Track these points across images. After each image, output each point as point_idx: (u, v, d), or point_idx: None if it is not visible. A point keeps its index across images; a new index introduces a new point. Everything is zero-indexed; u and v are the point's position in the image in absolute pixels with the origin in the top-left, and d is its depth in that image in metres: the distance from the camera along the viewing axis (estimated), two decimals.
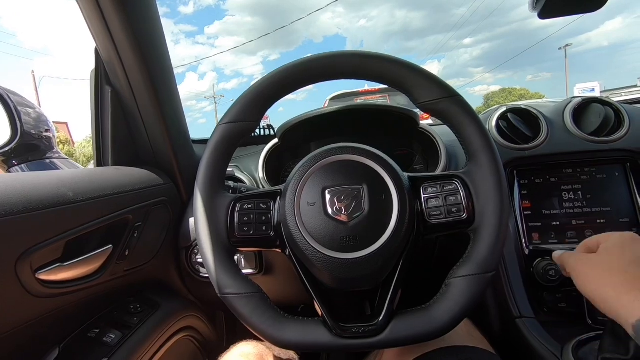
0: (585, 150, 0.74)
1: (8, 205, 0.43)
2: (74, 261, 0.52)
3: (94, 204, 0.55)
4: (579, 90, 10.67)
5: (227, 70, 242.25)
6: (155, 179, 0.72)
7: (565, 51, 25.74)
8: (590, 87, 10.68)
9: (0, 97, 0.72)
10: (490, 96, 39.23)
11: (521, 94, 35.35)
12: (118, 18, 0.59)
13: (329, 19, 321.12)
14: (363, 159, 0.48)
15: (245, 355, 0.62)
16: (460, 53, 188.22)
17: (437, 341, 0.54)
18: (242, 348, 0.64)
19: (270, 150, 0.87)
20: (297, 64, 0.49)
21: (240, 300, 0.45)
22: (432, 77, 0.47)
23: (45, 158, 0.82)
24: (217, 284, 0.46)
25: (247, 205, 0.48)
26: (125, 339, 0.61)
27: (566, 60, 25.86)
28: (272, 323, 0.44)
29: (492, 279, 0.43)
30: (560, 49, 26.87)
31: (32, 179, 0.51)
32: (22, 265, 0.45)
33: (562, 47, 26.03)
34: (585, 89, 10.78)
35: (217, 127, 0.49)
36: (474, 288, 0.42)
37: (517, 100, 33.03)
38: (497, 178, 0.45)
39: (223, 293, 0.46)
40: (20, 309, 0.48)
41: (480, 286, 0.43)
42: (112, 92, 0.70)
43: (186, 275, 0.81)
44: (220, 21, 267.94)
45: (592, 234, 0.72)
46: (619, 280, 0.39)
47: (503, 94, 37.20)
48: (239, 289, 0.45)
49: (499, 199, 0.44)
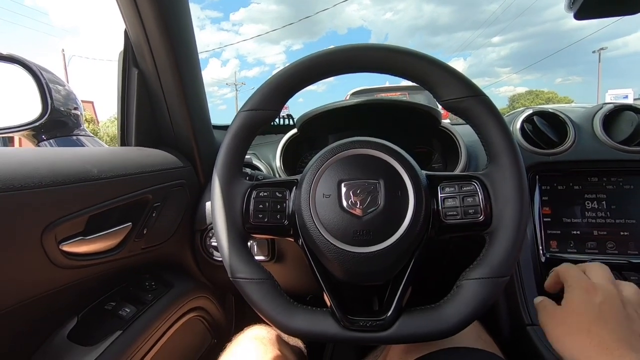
0: (614, 159, 0.71)
1: (37, 177, 0.44)
2: (95, 235, 0.54)
3: (117, 182, 0.57)
4: (611, 97, 10.24)
5: (250, 58, 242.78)
6: (175, 161, 0.74)
7: (599, 55, 24.65)
8: (624, 94, 10.22)
9: (33, 73, 0.75)
10: (515, 98, 37.79)
11: (549, 97, 33.80)
12: (149, 1, 0.59)
13: (354, 11, 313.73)
14: (381, 154, 0.47)
15: (259, 339, 0.63)
16: (488, 51, 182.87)
17: (444, 341, 0.53)
18: (255, 331, 0.65)
19: (288, 140, 0.88)
20: (321, 55, 0.48)
21: (252, 285, 0.46)
22: (458, 75, 0.46)
23: (72, 135, 0.84)
24: (230, 268, 0.47)
25: (263, 193, 0.49)
26: (139, 314, 0.63)
27: (599, 64, 24.78)
28: (282, 310, 0.45)
29: (505, 283, 0.43)
30: (594, 52, 25.76)
31: (60, 154, 0.53)
32: (48, 235, 0.47)
33: (596, 51, 24.96)
34: (618, 95, 10.33)
35: (237, 114, 0.49)
36: (486, 291, 0.42)
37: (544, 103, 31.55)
38: (517, 182, 0.44)
39: (235, 277, 0.47)
40: (43, 278, 0.50)
41: (492, 290, 0.42)
42: (138, 73, 0.71)
43: (200, 258, 0.83)
44: (245, 8, 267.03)
45: (613, 247, 0.70)
46: (584, 343, 0.38)
47: (529, 97, 35.66)
48: (250, 274, 0.46)
49: (518, 204, 0.43)
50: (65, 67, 18.45)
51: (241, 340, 0.64)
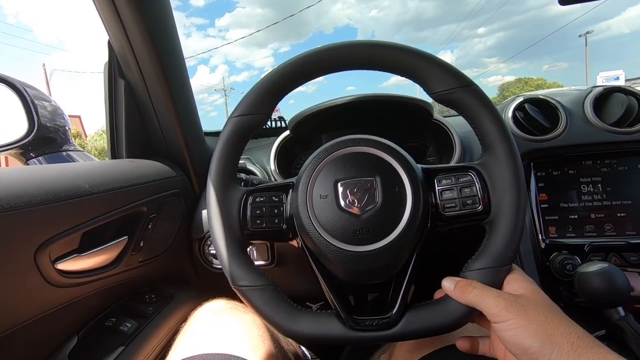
0: (606, 142, 0.71)
1: (27, 196, 0.43)
2: (90, 252, 0.53)
3: (109, 196, 0.56)
4: (602, 79, 10.28)
5: (238, 62, 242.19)
6: (168, 171, 0.73)
7: (585, 38, 24.81)
8: (615, 75, 10.29)
9: (17, 90, 0.73)
10: (505, 86, 37.16)
11: (538, 84, 33.23)
12: (130, 10, 0.58)
13: (339, 10, 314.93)
14: (376, 150, 0.47)
15: (217, 312, 0.60)
16: (474, 43, 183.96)
17: (448, 338, 0.53)
18: (212, 305, 0.62)
19: (281, 143, 0.87)
20: (307, 55, 0.48)
21: (254, 292, 0.45)
22: (447, 66, 0.46)
23: (61, 151, 0.83)
24: (231, 276, 0.46)
25: (260, 198, 0.48)
26: (140, 328, 0.62)
27: (586, 48, 24.93)
28: (285, 315, 0.44)
29: (508, 272, 0.42)
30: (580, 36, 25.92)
31: (49, 170, 0.51)
32: (42, 255, 0.46)
33: (582, 35, 25.11)
34: (609, 77, 10.38)
35: (228, 120, 0.49)
36: (489, 281, 0.42)
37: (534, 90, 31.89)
38: (513, 169, 0.44)
39: (236, 285, 0.46)
40: (40, 298, 0.49)
41: (495, 280, 0.42)
42: (125, 84, 0.70)
43: (199, 267, 0.82)
44: (230, 13, 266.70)
45: (612, 229, 0.70)
46: None
47: (519, 84, 34.97)
48: (252, 281, 0.46)
49: (515, 191, 0.43)
50: (47, 82, 18.18)
51: (196, 316, 0.60)
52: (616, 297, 0.54)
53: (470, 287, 0.41)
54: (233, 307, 0.61)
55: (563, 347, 0.34)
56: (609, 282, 0.53)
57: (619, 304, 0.56)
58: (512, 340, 0.36)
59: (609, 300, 0.54)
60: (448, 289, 0.43)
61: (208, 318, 0.58)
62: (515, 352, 0.37)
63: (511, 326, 0.36)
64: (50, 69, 19.34)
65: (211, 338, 0.53)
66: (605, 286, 0.53)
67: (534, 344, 0.35)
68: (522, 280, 0.41)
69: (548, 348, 0.34)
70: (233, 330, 0.55)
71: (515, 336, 0.36)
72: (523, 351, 0.35)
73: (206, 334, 0.54)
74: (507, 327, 0.37)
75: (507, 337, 0.37)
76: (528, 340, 0.35)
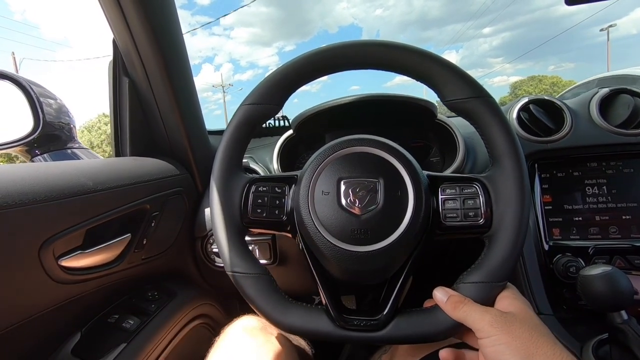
0: (612, 143, 0.71)
1: (32, 193, 0.44)
2: (94, 249, 0.54)
3: (113, 193, 0.56)
4: None
5: (243, 61, 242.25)
6: (171, 169, 0.73)
7: (607, 32, 23.61)
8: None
9: (23, 88, 0.74)
10: (517, 85, 34.55)
11: (553, 82, 31.15)
12: (134, 9, 0.59)
13: (344, 9, 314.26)
14: (382, 152, 0.47)
15: (249, 330, 0.61)
16: (479, 43, 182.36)
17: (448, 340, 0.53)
18: (244, 322, 0.64)
19: (285, 142, 0.87)
20: (320, 52, 0.47)
21: (247, 279, 0.46)
22: (463, 75, 0.45)
23: (66, 148, 0.84)
24: (227, 261, 0.47)
25: (262, 188, 0.49)
26: (143, 325, 0.62)
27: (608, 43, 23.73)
28: (276, 306, 0.45)
29: (502, 288, 0.42)
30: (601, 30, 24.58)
31: (54, 168, 0.52)
32: (46, 252, 0.46)
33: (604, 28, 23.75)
34: None
35: (239, 107, 0.49)
36: (481, 296, 0.41)
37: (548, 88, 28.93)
38: (519, 186, 0.43)
39: (232, 271, 0.46)
40: (44, 295, 0.49)
41: (488, 295, 0.42)
42: (129, 82, 0.71)
43: (202, 265, 0.82)
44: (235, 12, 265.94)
45: (616, 231, 0.70)
46: None
47: (532, 82, 32.91)
48: (246, 268, 0.46)
49: (519, 208, 0.43)
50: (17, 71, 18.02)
51: (230, 333, 0.62)
52: (619, 301, 0.53)
53: (461, 304, 0.41)
54: (263, 327, 0.63)
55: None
56: (612, 285, 0.53)
57: (622, 307, 0.55)
58: (494, 356, 0.36)
59: (612, 303, 0.54)
60: (440, 300, 0.43)
61: (241, 336, 0.60)
62: None
63: (494, 342, 0.36)
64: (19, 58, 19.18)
65: (244, 356, 0.56)
66: (608, 289, 0.53)
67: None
68: (513, 299, 0.41)
69: None
70: (264, 350, 0.57)
71: (497, 352, 0.36)
72: None
73: (239, 351, 0.57)
74: (490, 342, 0.37)
75: (489, 353, 0.37)
76: (508, 357, 0.35)
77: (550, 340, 0.36)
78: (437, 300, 0.43)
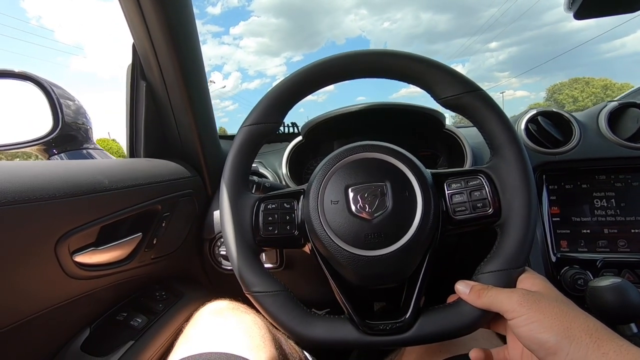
0: (621, 157, 0.71)
1: (51, 189, 0.45)
2: (106, 246, 0.55)
3: (127, 193, 0.58)
4: None
5: (251, 70, 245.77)
6: (182, 171, 0.75)
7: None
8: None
9: (45, 89, 0.76)
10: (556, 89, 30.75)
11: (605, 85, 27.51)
12: (156, 16, 0.61)
13: (352, 22, 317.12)
14: (385, 156, 0.47)
15: (218, 312, 0.60)
16: (486, 57, 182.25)
17: (456, 348, 0.53)
18: (213, 305, 0.62)
19: (294, 148, 0.88)
20: (316, 65, 0.49)
21: (268, 298, 0.46)
22: (453, 72, 0.47)
23: (82, 148, 0.86)
24: (244, 282, 0.47)
25: (272, 205, 0.49)
26: (150, 323, 0.63)
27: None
28: (300, 321, 0.45)
29: (520, 274, 0.42)
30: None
31: (72, 166, 0.54)
32: (62, 246, 0.47)
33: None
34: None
35: (240, 129, 0.50)
36: (502, 283, 0.42)
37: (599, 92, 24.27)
38: (523, 171, 0.44)
39: (250, 291, 0.47)
40: (58, 289, 0.50)
41: (508, 282, 0.42)
42: (146, 86, 0.73)
43: (208, 267, 0.83)
44: (245, 22, 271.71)
45: (625, 245, 0.69)
46: None
47: (577, 85, 28.61)
48: (265, 287, 0.46)
49: (526, 192, 0.43)
50: None
51: (198, 318, 0.59)
52: (629, 313, 0.53)
53: (484, 290, 0.41)
54: (234, 308, 0.62)
55: (582, 340, 0.33)
56: (621, 297, 0.52)
57: (632, 320, 0.55)
58: (528, 335, 0.36)
59: (622, 316, 0.53)
60: (462, 292, 0.43)
61: (209, 318, 0.59)
62: (532, 347, 0.36)
63: (526, 321, 0.36)
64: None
65: (212, 338, 0.53)
66: (618, 301, 0.52)
67: (550, 338, 0.34)
68: (534, 278, 0.41)
69: (565, 341, 0.33)
70: (234, 331, 0.55)
71: (531, 331, 0.35)
72: (540, 346, 0.35)
73: (207, 334, 0.55)
74: (522, 322, 0.36)
75: (523, 333, 0.36)
76: (544, 335, 0.34)
77: (582, 313, 0.36)
78: (460, 292, 0.43)
